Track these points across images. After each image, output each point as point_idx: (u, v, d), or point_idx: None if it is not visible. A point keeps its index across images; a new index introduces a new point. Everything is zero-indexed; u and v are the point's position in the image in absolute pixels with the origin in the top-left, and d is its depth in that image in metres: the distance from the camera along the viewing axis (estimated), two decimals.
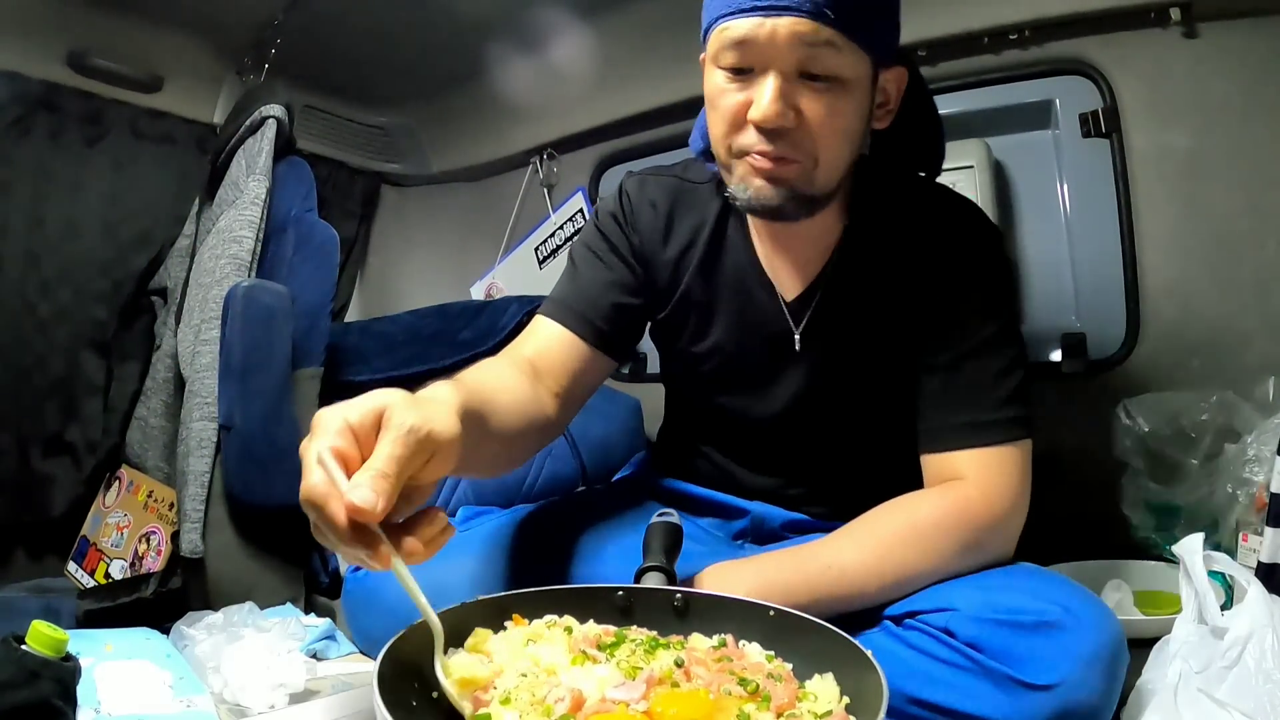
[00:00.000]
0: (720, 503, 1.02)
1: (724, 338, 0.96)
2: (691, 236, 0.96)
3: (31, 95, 1.54)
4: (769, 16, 0.74)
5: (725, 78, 0.79)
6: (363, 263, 2.29)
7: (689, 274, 0.96)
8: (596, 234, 1.00)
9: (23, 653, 0.67)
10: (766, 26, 0.74)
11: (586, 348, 0.94)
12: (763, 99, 0.76)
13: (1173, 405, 1.16)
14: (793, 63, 0.76)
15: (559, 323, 0.95)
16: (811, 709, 0.57)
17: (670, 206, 0.97)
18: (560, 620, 0.68)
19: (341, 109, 2.01)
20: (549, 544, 0.94)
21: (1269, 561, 0.86)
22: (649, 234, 0.97)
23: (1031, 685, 0.68)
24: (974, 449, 0.84)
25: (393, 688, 0.53)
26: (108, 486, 1.65)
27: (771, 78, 0.76)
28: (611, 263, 0.98)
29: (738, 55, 0.77)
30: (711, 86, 0.82)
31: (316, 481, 0.52)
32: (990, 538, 0.82)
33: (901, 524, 0.81)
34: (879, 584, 0.79)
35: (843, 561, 0.79)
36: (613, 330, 0.96)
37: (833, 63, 0.76)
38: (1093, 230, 1.34)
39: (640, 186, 0.99)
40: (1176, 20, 1.20)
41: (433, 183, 2.25)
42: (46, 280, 1.61)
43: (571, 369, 0.93)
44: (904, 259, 0.89)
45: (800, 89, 0.77)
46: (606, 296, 0.96)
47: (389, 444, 0.53)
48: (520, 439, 0.84)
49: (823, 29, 0.74)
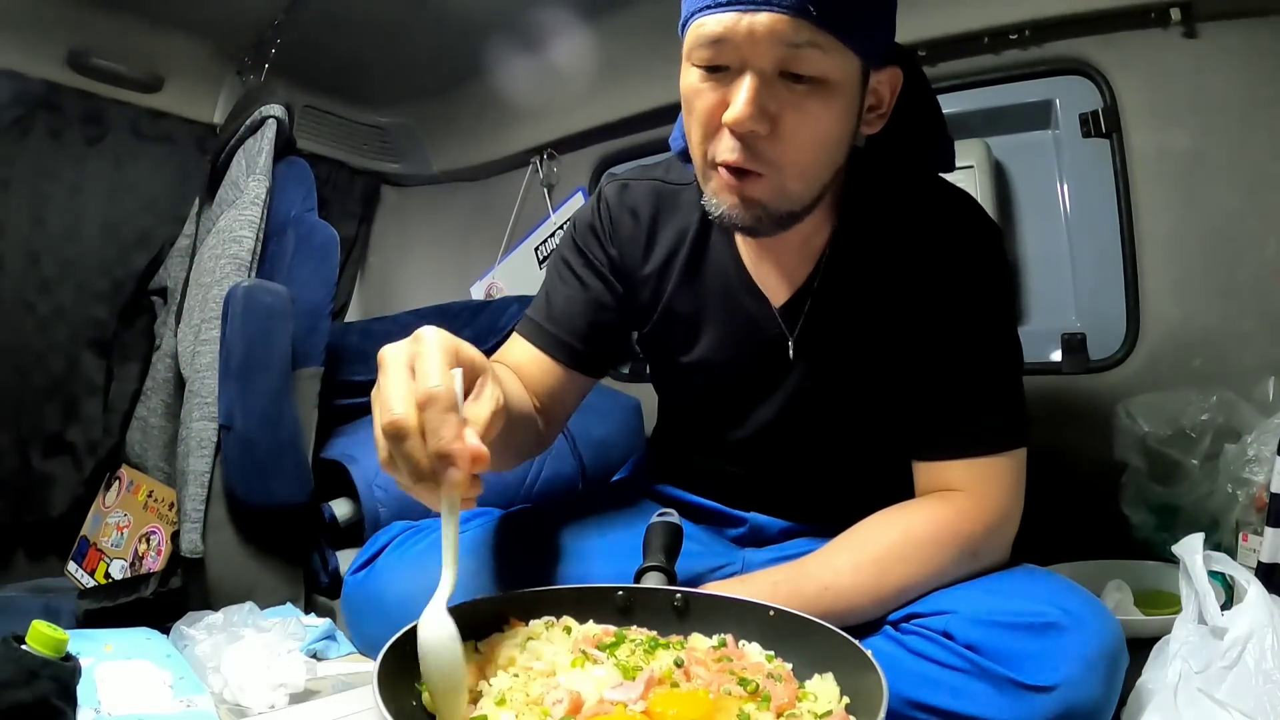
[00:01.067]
0: (717, 511, 1.01)
1: (712, 348, 0.93)
2: (674, 245, 0.92)
3: (31, 95, 1.54)
4: (747, 12, 0.69)
5: (700, 76, 0.74)
6: (363, 263, 2.29)
7: (672, 285, 0.92)
8: (573, 247, 0.96)
9: (23, 652, 0.67)
10: (744, 23, 0.69)
11: (562, 369, 0.93)
12: (738, 101, 0.70)
13: (1173, 405, 1.16)
14: (772, 62, 0.70)
15: (533, 344, 0.93)
16: (811, 709, 0.57)
17: (652, 214, 0.93)
18: (559, 621, 0.68)
19: (341, 109, 2.01)
20: (548, 544, 0.94)
21: (1269, 561, 0.86)
22: (629, 247, 0.93)
23: (1031, 687, 0.68)
24: (969, 459, 0.82)
25: (393, 688, 0.53)
26: (108, 486, 1.65)
27: (748, 78, 0.70)
28: (588, 279, 0.94)
29: (713, 52, 0.72)
30: (686, 85, 0.76)
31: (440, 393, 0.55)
32: (985, 547, 0.81)
33: (897, 538, 0.80)
34: (875, 601, 0.78)
35: (840, 584, 0.78)
36: (589, 350, 0.94)
37: (816, 63, 0.70)
38: (1093, 230, 1.34)
39: (620, 194, 0.94)
40: (1176, 20, 1.20)
41: (433, 183, 2.25)
42: (47, 280, 1.61)
43: (550, 388, 0.93)
44: (898, 257, 0.85)
45: (780, 90, 0.71)
46: (584, 316, 0.94)
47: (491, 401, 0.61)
48: (519, 429, 0.84)
49: (805, 26, 0.68)
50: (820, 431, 0.93)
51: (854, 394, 0.91)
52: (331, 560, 1.35)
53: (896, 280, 0.86)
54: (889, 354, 0.88)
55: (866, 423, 0.92)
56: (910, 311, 0.86)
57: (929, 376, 0.85)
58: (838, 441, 0.94)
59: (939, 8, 1.34)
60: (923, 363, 0.85)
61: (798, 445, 0.94)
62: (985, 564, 0.81)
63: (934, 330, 0.84)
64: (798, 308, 0.89)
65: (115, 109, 1.65)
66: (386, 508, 1.31)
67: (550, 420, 0.93)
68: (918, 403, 0.86)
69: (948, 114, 0.96)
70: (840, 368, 0.90)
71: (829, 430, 0.93)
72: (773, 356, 0.91)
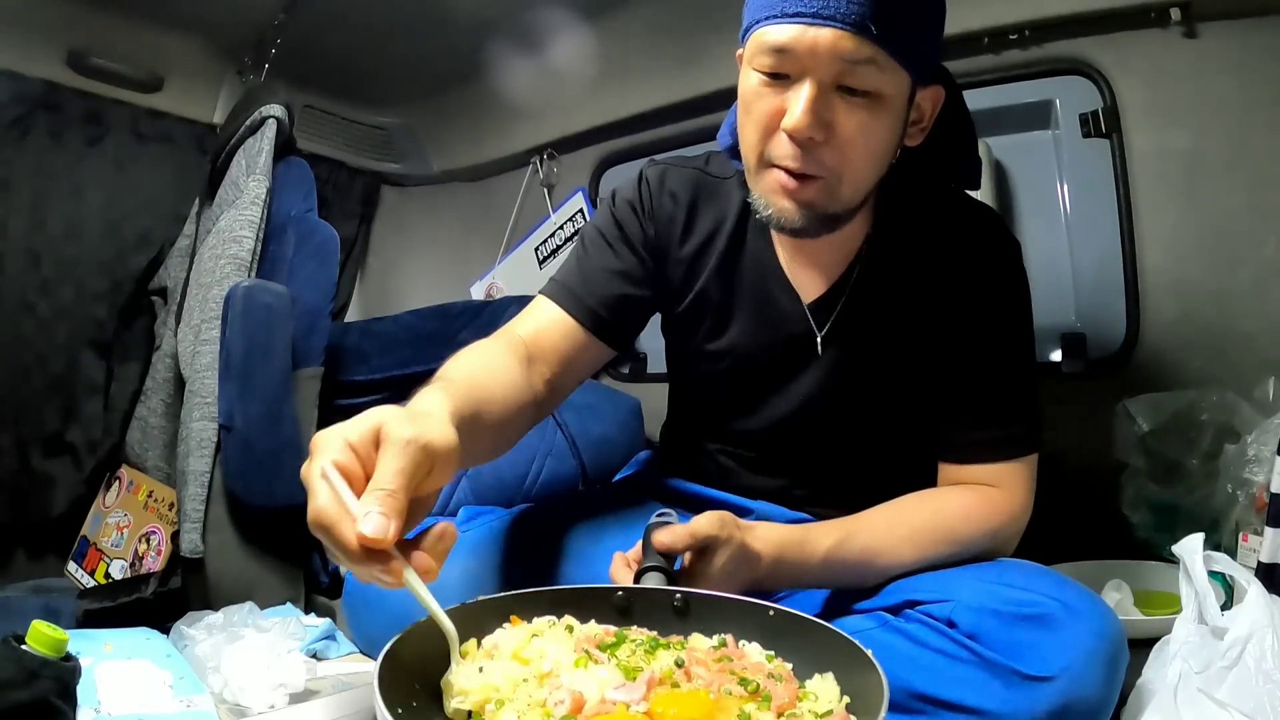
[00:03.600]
0: (723, 502, 1.01)
1: (741, 338, 0.95)
2: (711, 233, 0.95)
3: (31, 95, 1.54)
4: (812, 26, 0.73)
5: (761, 81, 0.78)
6: (363, 263, 2.29)
7: (707, 272, 0.95)
8: (611, 220, 0.97)
9: (23, 652, 0.67)
10: (809, 36, 0.73)
11: (584, 333, 0.93)
12: (796, 108, 0.75)
13: (1173, 405, 1.16)
14: (831, 75, 0.74)
15: (559, 305, 0.93)
16: (812, 709, 0.57)
17: (692, 200, 0.95)
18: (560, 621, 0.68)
19: (341, 109, 2.01)
20: (549, 544, 0.94)
21: (1269, 561, 0.86)
22: (666, 227, 0.96)
23: (1031, 677, 0.69)
24: (993, 464, 0.87)
25: (393, 688, 0.53)
26: (108, 486, 1.65)
27: (807, 86, 0.74)
28: (622, 251, 0.96)
29: (776, 61, 0.76)
30: (746, 88, 0.80)
31: (324, 503, 0.51)
32: (1003, 536, 0.86)
33: (930, 511, 0.85)
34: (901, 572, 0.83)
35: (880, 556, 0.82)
36: (614, 319, 0.94)
37: (872, 79, 0.75)
38: (1093, 230, 1.34)
39: (661, 177, 0.97)
40: (1176, 20, 1.20)
41: (433, 183, 2.25)
42: (47, 280, 1.62)
43: (565, 353, 0.92)
44: (926, 266, 0.89)
45: (835, 101, 0.75)
46: (612, 285, 0.94)
47: (392, 459, 0.53)
48: (512, 424, 0.84)
49: (865, 45, 0.73)
50: (836, 425, 0.95)
51: (874, 393, 0.93)
52: (331, 560, 1.35)
53: (924, 287, 0.90)
54: (913, 357, 0.91)
55: (883, 422, 0.95)
56: (936, 317, 0.90)
57: (953, 381, 0.89)
58: (852, 438, 0.96)
59: None
60: (946, 367, 0.89)
61: (813, 438, 0.96)
62: (999, 554, 0.86)
63: (959, 336, 0.88)
64: (829, 306, 0.92)
65: (115, 109, 1.65)
66: None
67: (557, 388, 0.92)
68: (940, 406, 0.90)
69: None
70: (864, 367, 0.92)
71: (845, 427, 0.95)
72: (799, 351, 0.94)
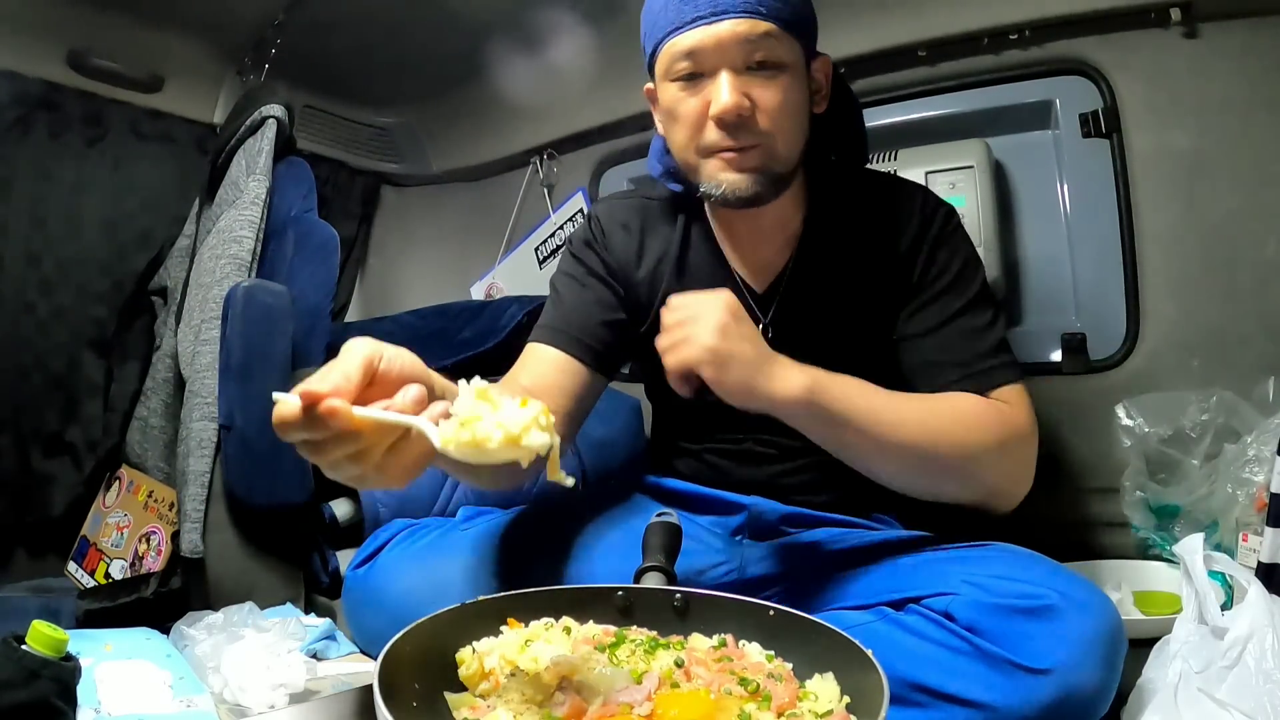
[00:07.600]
0: (716, 499, 1.02)
1: None
2: (663, 250, 1.02)
3: (31, 95, 1.54)
4: (712, 24, 0.84)
5: (679, 87, 0.88)
6: (363, 263, 2.29)
7: (665, 284, 1.00)
8: (573, 261, 1.05)
9: (23, 653, 0.67)
10: (711, 32, 0.84)
11: (582, 367, 0.98)
12: (720, 95, 0.84)
13: (1173, 405, 1.16)
14: (740, 58, 0.84)
15: (552, 346, 0.98)
16: (812, 709, 0.57)
17: (641, 226, 1.03)
18: (559, 621, 0.68)
19: (341, 109, 2.01)
20: (548, 543, 0.95)
21: (1269, 561, 0.86)
22: (623, 254, 1.02)
23: (1029, 669, 0.69)
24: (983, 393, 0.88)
25: (393, 688, 0.53)
26: (108, 486, 1.65)
27: (724, 74, 0.84)
28: (591, 284, 1.02)
29: (689, 64, 0.86)
30: (668, 100, 0.90)
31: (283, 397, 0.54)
32: (1011, 448, 0.86)
33: (946, 404, 0.86)
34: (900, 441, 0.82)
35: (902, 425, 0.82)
36: (604, 348, 0.99)
37: (774, 50, 0.85)
38: (1093, 230, 1.34)
39: (610, 212, 1.05)
40: (1176, 20, 1.20)
41: (433, 183, 2.25)
42: (47, 279, 1.61)
43: (566, 387, 0.96)
44: (865, 241, 0.95)
45: (750, 80, 0.85)
46: (593, 316, 1.00)
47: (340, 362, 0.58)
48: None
49: (760, 23, 0.84)
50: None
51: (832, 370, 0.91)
52: (331, 560, 1.35)
53: (865, 260, 0.95)
54: (864, 329, 0.96)
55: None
56: (883, 286, 0.94)
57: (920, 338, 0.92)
58: None
59: (939, 8, 1.35)
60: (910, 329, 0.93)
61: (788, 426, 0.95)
62: (1006, 470, 0.86)
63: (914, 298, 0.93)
64: (774, 294, 0.98)
65: (115, 109, 1.65)
66: (387, 507, 1.31)
67: (565, 425, 0.95)
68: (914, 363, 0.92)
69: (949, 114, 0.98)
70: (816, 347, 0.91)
71: None
72: None
